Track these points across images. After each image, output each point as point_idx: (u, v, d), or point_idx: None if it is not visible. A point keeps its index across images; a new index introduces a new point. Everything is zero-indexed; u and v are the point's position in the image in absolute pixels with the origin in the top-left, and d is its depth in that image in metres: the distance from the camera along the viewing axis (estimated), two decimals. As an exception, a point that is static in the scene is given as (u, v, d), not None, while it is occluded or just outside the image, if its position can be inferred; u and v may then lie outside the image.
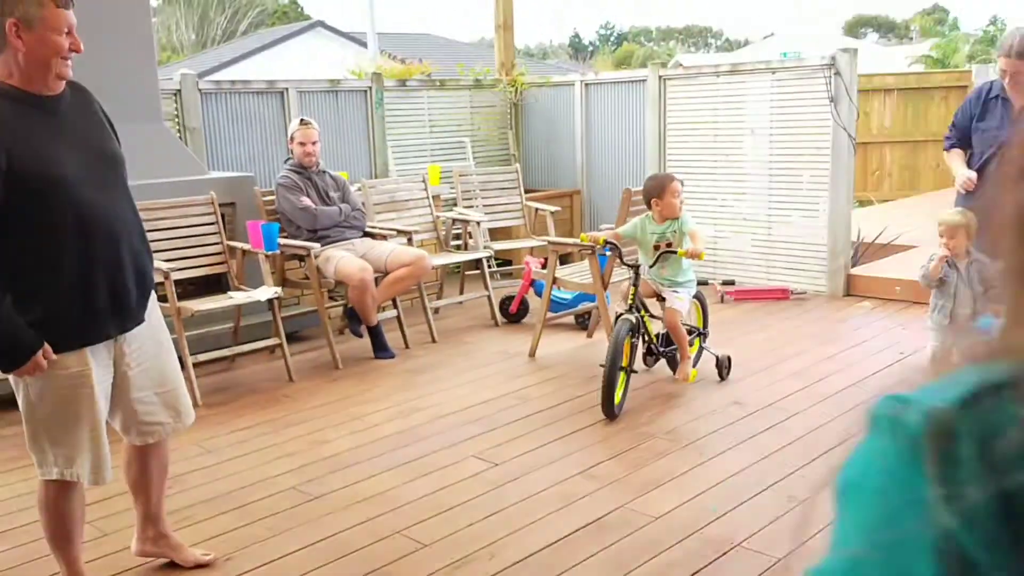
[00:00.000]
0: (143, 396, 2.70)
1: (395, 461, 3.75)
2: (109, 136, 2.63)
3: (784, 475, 3.47)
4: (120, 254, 2.54)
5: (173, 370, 2.80)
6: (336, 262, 5.18)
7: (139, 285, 2.61)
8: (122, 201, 2.60)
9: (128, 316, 2.60)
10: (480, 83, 8.00)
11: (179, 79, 6.12)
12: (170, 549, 2.93)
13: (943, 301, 4.20)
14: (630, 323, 4.14)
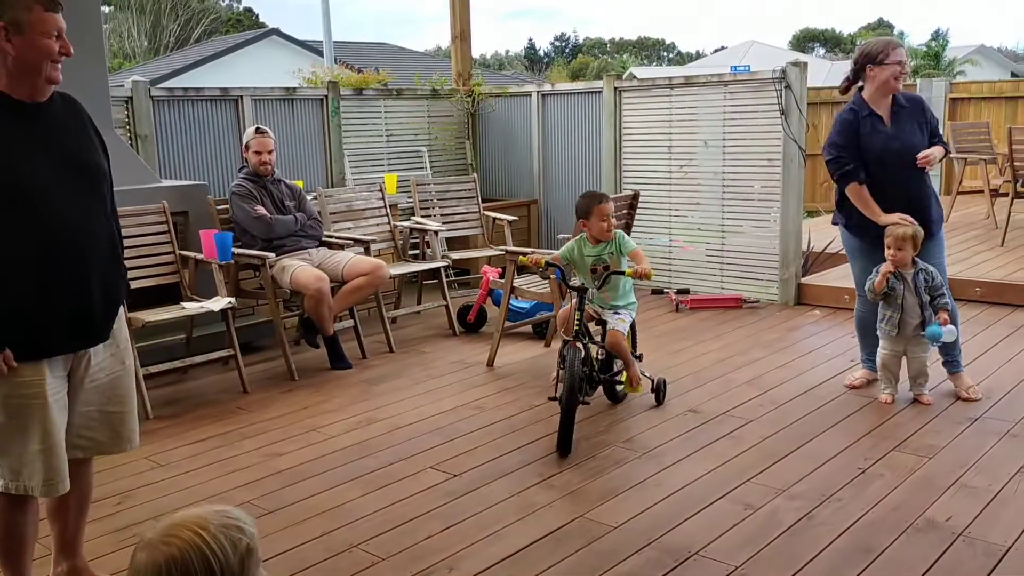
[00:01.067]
0: (87, 411, 2.63)
1: (352, 473, 3.71)
2: (94, 149, 2.58)
3: (740, 482, 3.51)
4: (86, 268, 2.48)
5: (127, 392, 2.73)
6: (292, 272, 5.12)
7: (105, 301, 2.55)
8: (96, 214, 2.54)
9: (92, 332, 2.55)
10: (437, 93, 8.00)
11: (130, 86, 6.02)
12: None
13: (891, 312, 4.28)
14: (583, 352, 3.93)
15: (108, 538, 3.19)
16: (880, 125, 4.37)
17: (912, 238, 4.17)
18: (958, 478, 3.49)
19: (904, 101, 4.42)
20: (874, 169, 4.37)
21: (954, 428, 4.03)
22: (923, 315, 4.24)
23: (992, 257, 7.36)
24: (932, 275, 4.26)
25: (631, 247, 4.23)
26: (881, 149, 4.35)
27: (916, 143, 4.37)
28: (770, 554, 2.95)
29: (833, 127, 4.47)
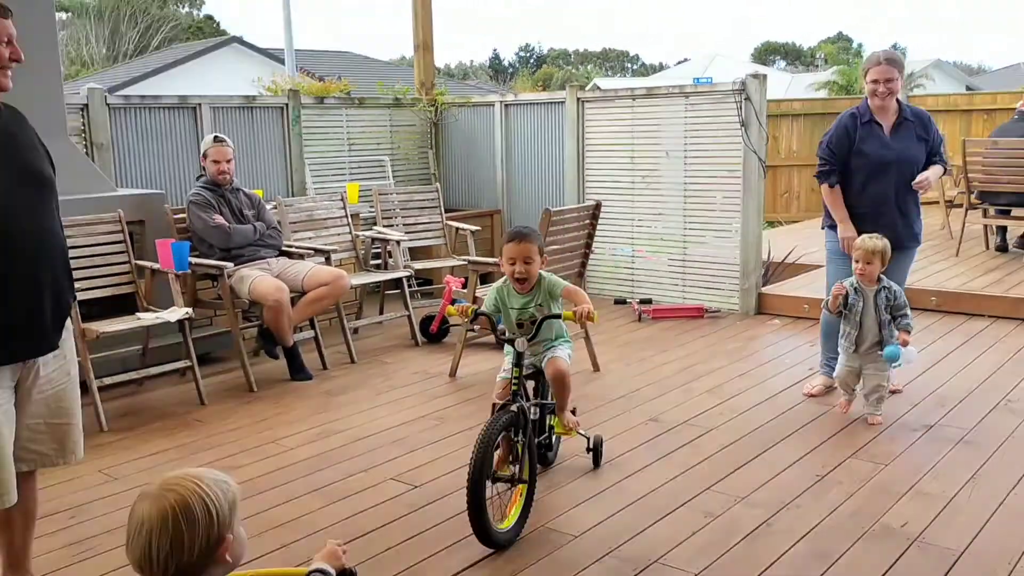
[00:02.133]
0: (33, 423, 2.59)
1: (312, 485, 3.67)
2: (41, 159, 2.58)
3: (700, 490, 3.53)
4: (38, 276, 2.47)
5: (73, 403, 2.70)
6: (251, 282, 5.06)
7: (55, 310, 2.54)
8: (47, 224, 2.54)
9: (41, 340, 2.53)
10: (400, 102, 7.98)
11: (86, 93, 5.93)
12: None
13: (849, 328, 4.24)
14: (508, 417, 3.11)
15: (61, 552, 3.11)
16: (879, 132, 4.50)
17: (881, 253, 4.13)
18: (913, 485, 3.54)
19: (910, 115, 4.53)
20: (865, 174, 4.50)
21: (910, 436, 4.09)
22: (881, 334, 4.19)
23: (947, 267, 7.50)
24: (895, 294, 4.20)
25: (561, 287, 3.47)
26: (874, 156, 4.48)
27: (912, 156, 4.49)
28: (729, 561, 2.97)
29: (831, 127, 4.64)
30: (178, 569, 1.46)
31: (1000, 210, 8.03)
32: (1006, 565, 2.89)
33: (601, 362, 5.29)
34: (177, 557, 1.45)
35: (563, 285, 3.48)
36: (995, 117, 10.97)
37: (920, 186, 4.46)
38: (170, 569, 1.45)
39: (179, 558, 1.45)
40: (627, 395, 4.78)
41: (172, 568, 1.45)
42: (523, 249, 3.40)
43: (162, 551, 1.45)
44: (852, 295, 4.18)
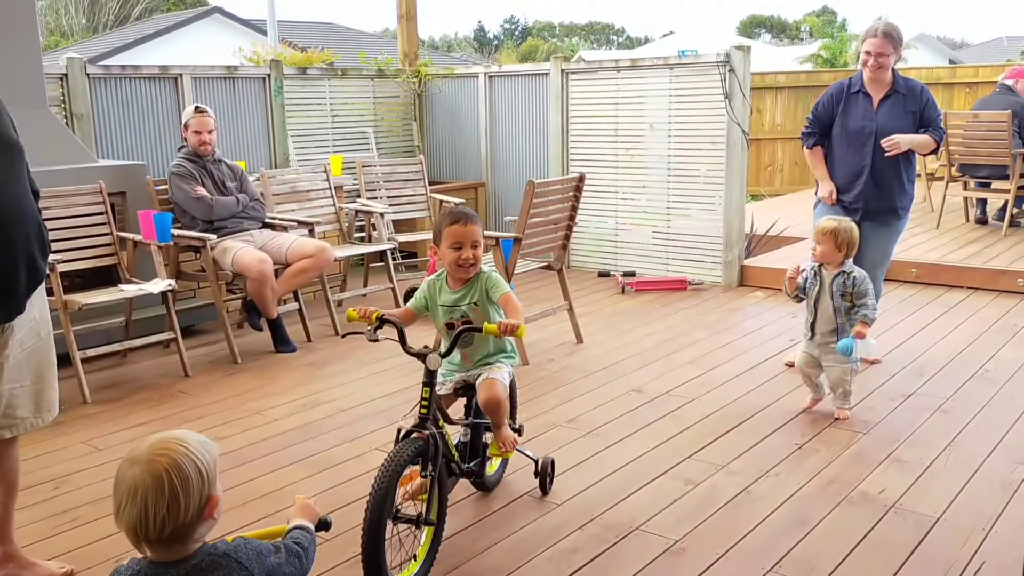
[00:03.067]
0: (11, 388, 2.59)
1: (296, 456, 3.69)
2: (5, 124, 2.54)
3: (681, 459, 3.57)
4: (12, 241, 2.46)
5: (45, 362, 2.70)
6: (234, 253, 5.04)
7: (29, 275, 2.53)
8: (18, 188, 2.52)
9: (14, 305, 2.52)
10: (383, 73, 7.92)
11: (65, 63, 5.85)
12: (20, 568, 2.74)
13: (806, 313, 4.04)
14: (416, 447, 2.65)
15: (45, 523, 3.12)
16: (866, 104, 4.51)
17: (834, 234, 3.87)
18: (891, 452, 3.60)
19: (903, 88, 4.52)
20: (845, 144, 4.54)
21: (888, 404, 4.14)
22: (837, 322, 3.93)
23: (928, 239, 7.57)
24: (856, 281, 3.89)
25: (501, 291, 2.97)
26: (854, 126, 4.51)
27: (894, 128, 4.46)
28: (709, 528, 3.01)
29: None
30: (173, 531, 1.50)
31: (980, 183, 8.10)
32: (980, 531, 2.95)
33: (584, 334, 5.32)
34: (173, 519, 1.49)
35: (504, 290, 2.98)
36: (977, 90, 11.02)
37: (888, 144, 4.42)
38: (165, 531, 1.50)
39: (175, 520, 1.49)
40: (610, 366, 4.81)
41: (168, 530, 1.50)
42: (470, 232, 2.93)
43: (159, 514, 1.48)
44: (810, 278, 3.98)
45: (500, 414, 3.01)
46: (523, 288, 6.39)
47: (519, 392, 3.52)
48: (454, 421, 3.03)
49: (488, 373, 3.03)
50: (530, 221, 4.88)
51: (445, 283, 3.04)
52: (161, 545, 1.54)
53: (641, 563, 2.79)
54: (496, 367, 3.05)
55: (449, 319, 3.02)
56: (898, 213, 4.65)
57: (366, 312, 2.84)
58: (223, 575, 1.55)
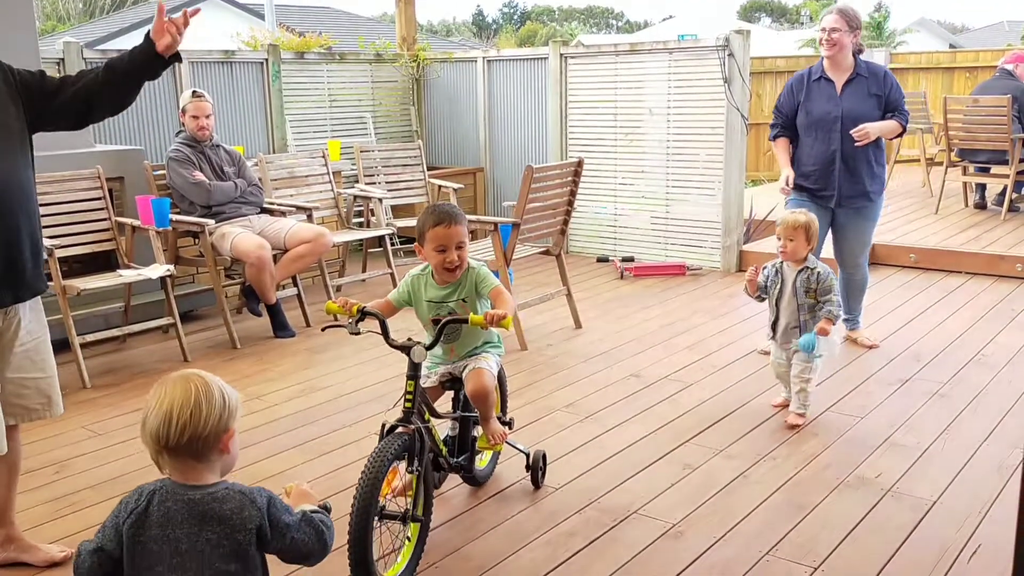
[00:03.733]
0: (19, 378, 2.61)
1: (296, 440, 3.70)
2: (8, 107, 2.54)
3: (679, 443, 3.58)
4: (17, 222, 2.48)
5: (50, 356, 2.74)
6: (232, 239, 5.04)
7: (34, 256, 2.56)
8: (22, 169, 2.53)
9: (22, 285, 2.54)
10: (381, 57, 7.89)
11: (62, 48, 5.82)
12: (21, 551, 2.77)
13: (769, 312, 3.86)
14: (400, 442, 2.60)
15: (45, 507, 3.14)
16: (829, 90, 4.49)
17: (805, 228, 3.70)
18: (888, 437, 3.61)
19: (864, 71, 4.51)
20: (813, 132, 4.52)
21: (885, 389, 4.15)
22: (800, 320, 3.74)
23: (927, 224, 7.57)
24: (821, 277, 3.70)
25: (491, 285, 2.92)
26: (818, 113, 4.49)
27: (860, 112, 4.45)
28: (707, 511, 3.03)
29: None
30: (191, 439, 1.63)
31: (979, 168, 8.08)
32: (977, 514, 2.96)
33: (583, 319, 5.33)
34: (193, 427, 1.63)
35: (493, 284, 2.92)
36: (977, 75, 10.98)
37: (858, 134, 4.40)
38: (184, 437, 1.63)
39: (195, 428, 1.63)
40: (608, 351, 4.82)
41: (186, 437, 1.63)
42: (454, 233, 2.83)
43: (182, 419, 1.62)
44: (771, 276, 3.80)
45: (488, 404, 2.95)
46: (521, 273, 6.39)
47: (512, 380, 3.54)
48: (441, 415, 2.94)
49: (475, 363, 2.95)
50: (528, 206, 4.87)
51: (431, 278, 2.95)
52: (178, 456, 1.65)
53: (639, 546, 2.81)
54: (483, 357, 2.98)
55: (436, 315, 2.92)
56: (870, 197, 4.61)
57: (347, 304, 2.75)
58: (235, 507, 1.64)
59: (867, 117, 4.46)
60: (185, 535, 1.62)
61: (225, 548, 1.63)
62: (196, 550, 1.61)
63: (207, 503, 1.64)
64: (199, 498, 1.64)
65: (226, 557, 1.63)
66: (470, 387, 2.92)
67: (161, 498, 1.64)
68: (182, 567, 1.61)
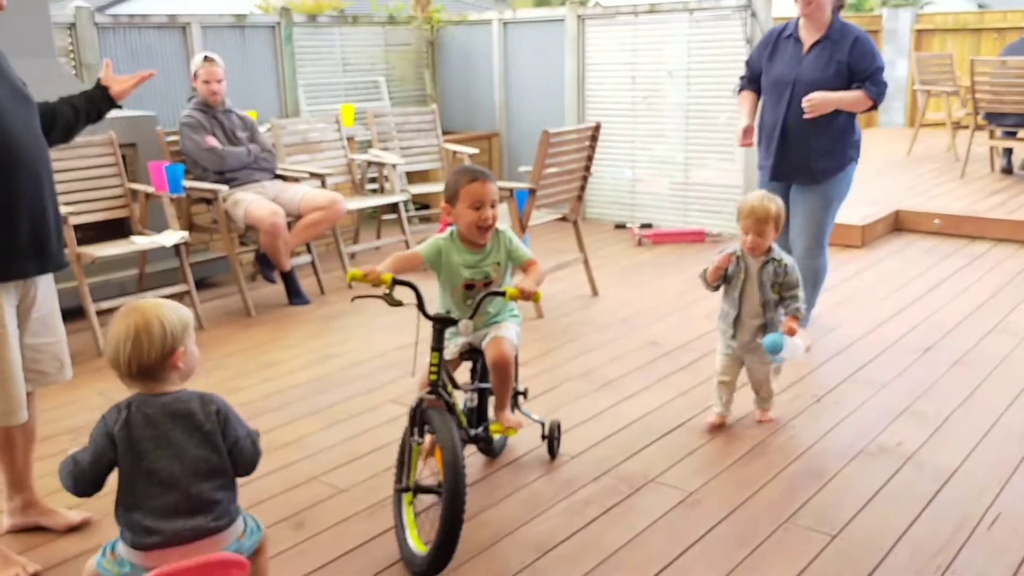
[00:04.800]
0: (36, 343, 2.64)
1: (310, 408, 3.69)
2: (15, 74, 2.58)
3: (697, 412, 3.55)
4: (43, 193, 2.52)
5: (60, 321, 2.77)
6: (246, 205, 5.01)
7: (57, 230, 2.60)
8: (41, 141, 2.57)
9: (47, 257, 2.58)
10: (394, 20, 7.78)
11: (73, 12, 5.77)
12: (41, 515, 2.80)
13: (727, 306, 3.35)
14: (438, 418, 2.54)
15: (61, 475, 3.15)
16: (795, 50, 4.11)
17: (776, 220, 3.22)
18: (909, 406, 3.56)
19: (836, 34, 4.04)
20: (767, 94, 4.23)
21: (906, 358, 4.09)
22: (766, 317, 3.28)
23: (952, 189, 7.43)
24: (787, 269, 3.25)
25: (525, 256, 2.85)
26: (773, 75, 4.15)
27: (814, 78, 3.99)
28: (724, 480, 3.00)
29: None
30: (140, 367, 1.94)
31: (1007, 131, 7.92)
32: (997, 483, 2.92)
33: (600, 287, 5.28)
34: (139, 358, 1.93)
35: (528, 255, 2.85)
36: (1005, 36, 10.71)
37: (807, 105, 3.94)
38: (133, 367, 1.94)
39: (140, 358, 1.93)
40: (625, 319, 4.78)
41: (135, 366, 1.94)
42: (490, 190, 2.73)
43: (127, 352, 1.93)
44: (732, 266, 3.29)
45: (508, 375, 2.85)
46: (538, 240, 6.34)
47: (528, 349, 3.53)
48: (460, 386, 2.87)
49: (496, 331, 2.86)
50: (545, 172, 4.81)
51: (460, 243, 2.81)
52: (136, 380, 1.97)
53: (656, 514, 2.79)
54: (504, 325, 2.88)
55: (470, 279, 2.81)
56: (816, 176, 4.13)
57: (373, 273, 2.55)
58: (198, 405, 1.98)
59: (821, 85, 3.98)
60: (165, 431, 1.95)
61: (197, 438, 1.97)
62: (174, 441, 1.95)
63: (175, 404, 1.97)
64: (169, 401, 1.98)
65: (199, 445, 1.97)
66: (491, 355, 2.81)
67: (137, 405, 1.96)
68: (166, 456, 1.94)
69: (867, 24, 11.81)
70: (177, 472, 1.93)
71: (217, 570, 1.92)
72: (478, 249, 2.81)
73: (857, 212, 6.57)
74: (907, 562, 2.51)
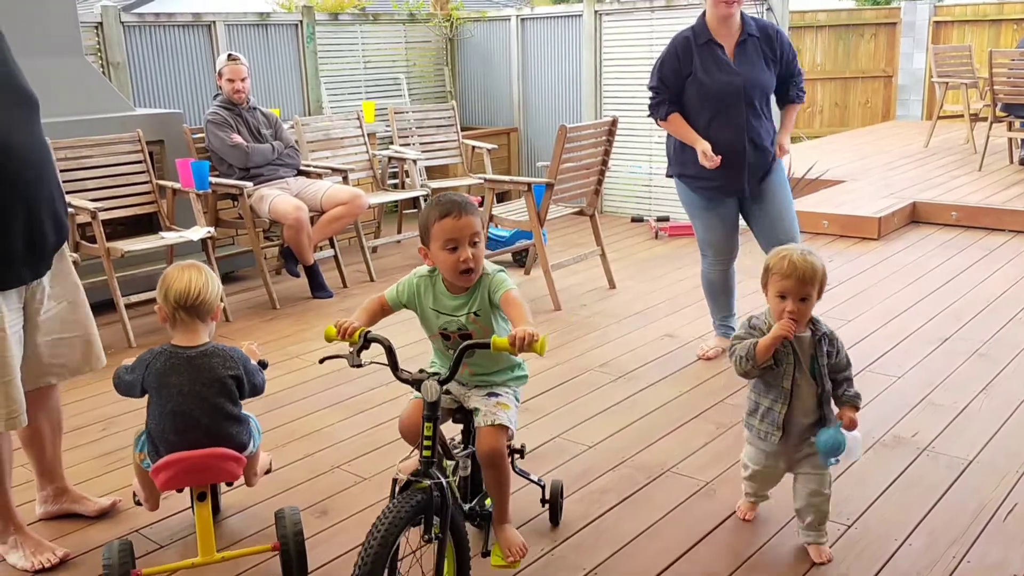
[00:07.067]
0: (50, 340, 2.62)
1: (333, 399, 3.77)
2: (21, 74, 2.49)
3: (712, 403, 3.60)
4: (38, 197, 2.44)
5: (86, 312, 2.73)
6: (270, 201, 5.10)
7: (56, 231, 2.53)
8: (39, 142, 2.49)
9: (43, 261, 2.53)
10: (415, 17, 7.85)
11: (100, 11, 5.88)
12: (72, 503, 2.86)
13: (770, 400, 2.50)
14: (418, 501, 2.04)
15: (94, 463, 3.25)
16: (720, 55, 3.75)
17: (821, 279, 2.42)
18: (926, 396, 3.59)
19: (755, 30, 3.79)
20: (710, 109, 3.75)
21: (924, 348, 4.12)
22: (821, 412, 2.47)
23: (970, 181, 7.41)
24: (838, 345, 2.52)
25: (503, 289, 2.29)
26: (716, 85, 3.72)
27: (762, 81, 3.76)
28: (740, 470, 3.04)
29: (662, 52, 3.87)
30: (201, 302, 2.38)
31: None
32: (1015, 473, 2.95)
33: (617, 279, 5.33)
34: (204, 293, 2.38)
35: (504, 288, 2.29)
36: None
37: (783, 152, 3.84)
38: (198, 299, 2.37)
39: (205, 293, 2.38)
40: (642, 311, 4.83)
41: (199, 299, 2.37)
42: (465, 225, 2.24)
43: (197, 286, 2.38)
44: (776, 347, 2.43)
45: (503, 472, 2.37)
46: (555, 234, 6.40)
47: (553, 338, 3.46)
48: (453, 455, 2.44)
49: (491, 415, 2.35)
50: (562, 166, 4.86)
51: (442, 282, 2.36)
52: (189, 313, 2.38)
53: (672, 504, 2.84)
54: (501, 403, 2.38)
55: (443, 328, 2.38)
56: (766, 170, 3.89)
57: (347, 327, 2.23)
58: (220, 361, 2.39)
59: (769, 86, 3.80)
60: (187, 380, 2.34)
61: (216, 388, 2.36)
62: (195, 391, 2.34)
63: (200, 357, 2.37)
64: (194, 355, 2.37)
65: (216, 394, 2.36)
66: (483, 447, 2.33)
67: (166, 357, 2.37)
68: (189, 403, 2.33)
69: (885, 17, 11.75)
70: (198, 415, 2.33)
71: (219, 461, 2.34)
72: (460, 293, 2.35)
73: (873, 204, 6.58)
74: (922, 552, 2.55)
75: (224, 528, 2.78)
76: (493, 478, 2.39)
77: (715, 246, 4.05)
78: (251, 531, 2.76)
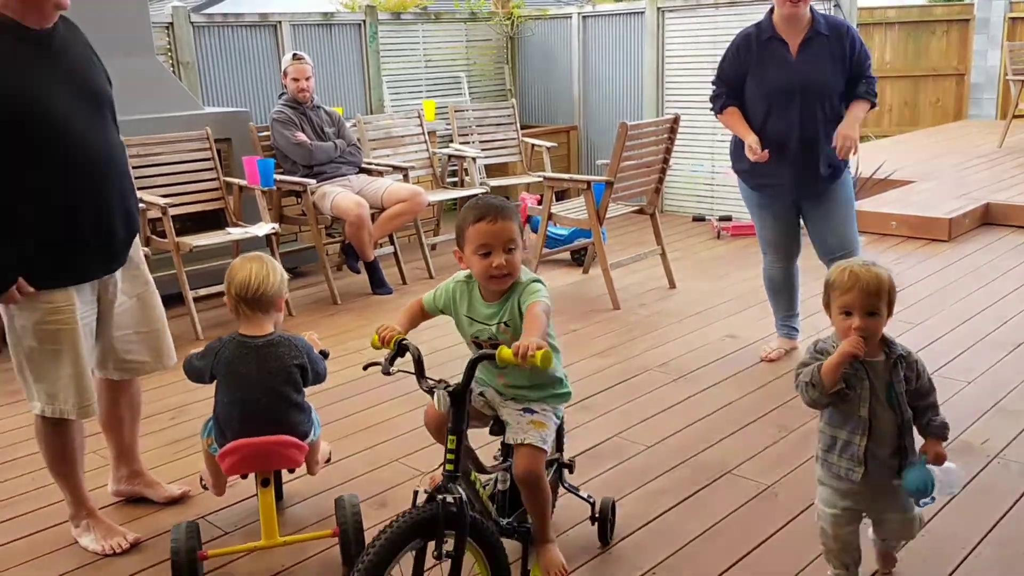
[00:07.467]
0: (123, 335, 2.69)
1: (394, 393, 3.81)
2: (99, 73, 2.57)
3: (775, 406, 3.54)
4: (108, 193, 2.51)
5: (158, 309, 2.79)
6: (332, 198, 5.18)
7: (126, 226, 2.59)
8: (111, 139, 2.56)
9: (113, 256, 2.59)
10: (476, 16, 7.89)
11: (171, 12, 6.04)
12: (144, 487, 2.95)
13: (847, 433, 2.19)
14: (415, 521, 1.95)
15: (164, 450, 3.34)
16: (784, 53, 3.68)
17: (889, 291, 2.16)
18: (997, 402, 3.48)
19: (824, 28, 3.68)
20: (765, 106, 3.71)
21: (996, 353, 3.99)
22: (901, 442, 2.17)
23: (1043, 182, 7.16)
24: (918, 368, 2.22)
25: (532, 300, 2.21)
26: (774, 83, 3.68)
27: (822, 80, 3.65)
28: (802, 474, 2.99)
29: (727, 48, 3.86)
30: (263, 294, 2.45)
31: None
32: (1090, 484, 2.85)
33: (677, 279, 5.28)
34: (267, 285, 2.45)
35: (534, 299, 2.20)
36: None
37: (843, 149, 3.61)
38: (260, 291, 2.44)
39: (267, 285, 2.45)
40: (704, 311, 4.78)
41: (261, 291, 2.44)
42: (502, 230, 2.18)
43: (260, 277, 2.45)
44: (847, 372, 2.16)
45: (540, 497, 2.29)
46: (615, 232, 6.36)
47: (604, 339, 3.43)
48: (488, 469, 2.37)
49: (521, 433, 2.28)
50: (623, 164, 4.84)
51: (478, 290, 2.31)
52: (253, 306, 2.45)
53: (731, 506, 2.81)
54: (536, 421, 2.30)
55: (475, 336, 2.33)
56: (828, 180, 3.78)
57: (387, 336, 2.21)
58: (286, 349, 2.48)
59: (832, 85, 3.67)
60: (255, 368, 2.44)
61: (281, 376, 2.46)
62: (260, 379, 2.44)
63: (266, 347, 2.46)
64: (261, 344, 2.47)
65: (282, 382, 2.46)
66: (520, 467, 2.25)
67: (234, 345, 2.46)
68: (256, 390, 2.43)
69: (957, 13, 11.41)
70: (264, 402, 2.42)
71: (282, 448, 2.43)
72: (495, 300, 2.28)
73: (944, 205, 6.40)
74: (992, 561, 2.48)
75: (287, 516, 2.84)
76: (530, 499, 2.31)
77: (773, 244, 4.02)
78: (313, 519, 2.81)
